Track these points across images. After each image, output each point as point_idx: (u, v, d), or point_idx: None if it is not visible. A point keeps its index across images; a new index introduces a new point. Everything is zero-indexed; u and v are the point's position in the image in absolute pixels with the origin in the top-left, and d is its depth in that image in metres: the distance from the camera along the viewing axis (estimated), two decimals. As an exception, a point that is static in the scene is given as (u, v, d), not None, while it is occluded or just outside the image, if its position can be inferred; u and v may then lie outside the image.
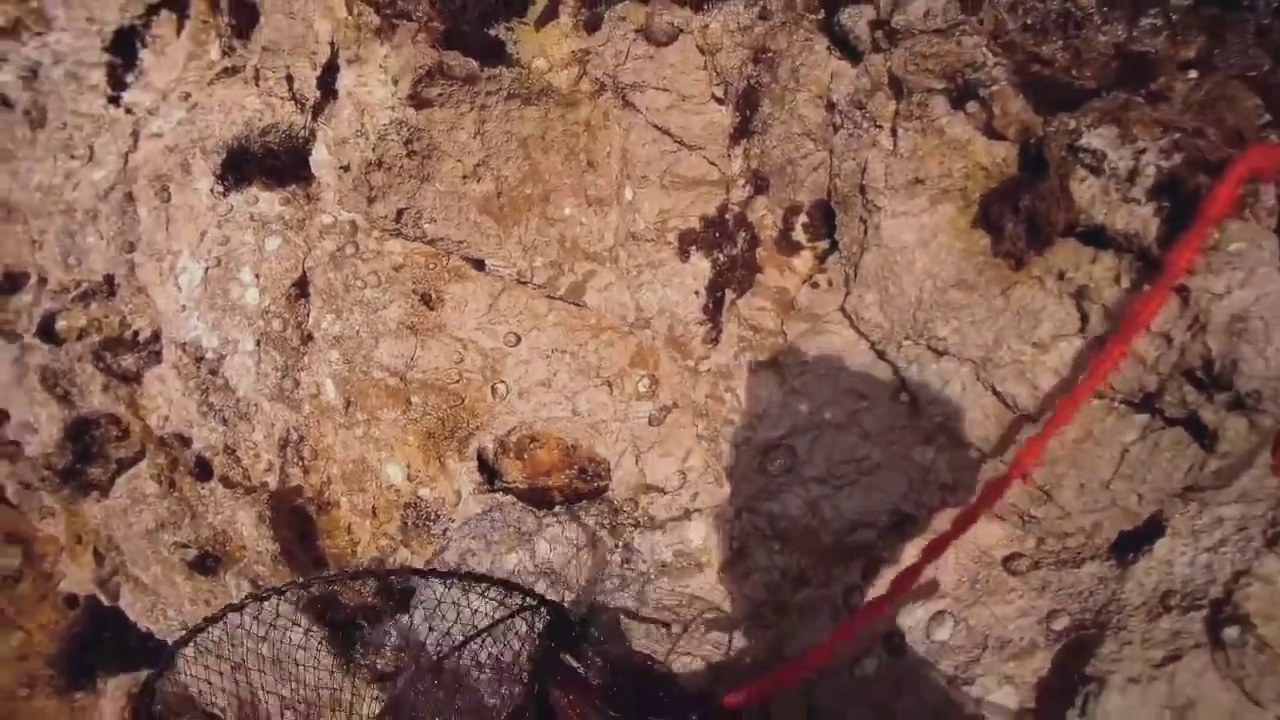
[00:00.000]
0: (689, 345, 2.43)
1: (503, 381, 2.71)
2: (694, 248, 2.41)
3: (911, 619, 2.36)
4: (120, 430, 3.12)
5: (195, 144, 3.10)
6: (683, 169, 2.42)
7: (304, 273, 2.85)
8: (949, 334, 2.13)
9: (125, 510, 2.84)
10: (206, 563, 2.81)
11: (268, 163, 2.96)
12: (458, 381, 2.73)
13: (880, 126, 2.15)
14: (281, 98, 3.04)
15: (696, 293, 2.42)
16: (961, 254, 2.08)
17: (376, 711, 2.63)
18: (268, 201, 2.95)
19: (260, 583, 2.61)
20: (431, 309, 2.79)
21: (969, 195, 2.09)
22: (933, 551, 2.00)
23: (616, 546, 2.41)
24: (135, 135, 3.29)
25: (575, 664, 2.20)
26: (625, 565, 2.39)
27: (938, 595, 2.35)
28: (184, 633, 2.01)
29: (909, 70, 2.04)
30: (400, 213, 2.47)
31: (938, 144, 2.08)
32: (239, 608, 2.07)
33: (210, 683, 2.39)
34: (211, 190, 3.03)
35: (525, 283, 2.54)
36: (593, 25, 2.39)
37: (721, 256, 2.40)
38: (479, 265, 2.76)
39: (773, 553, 2.34)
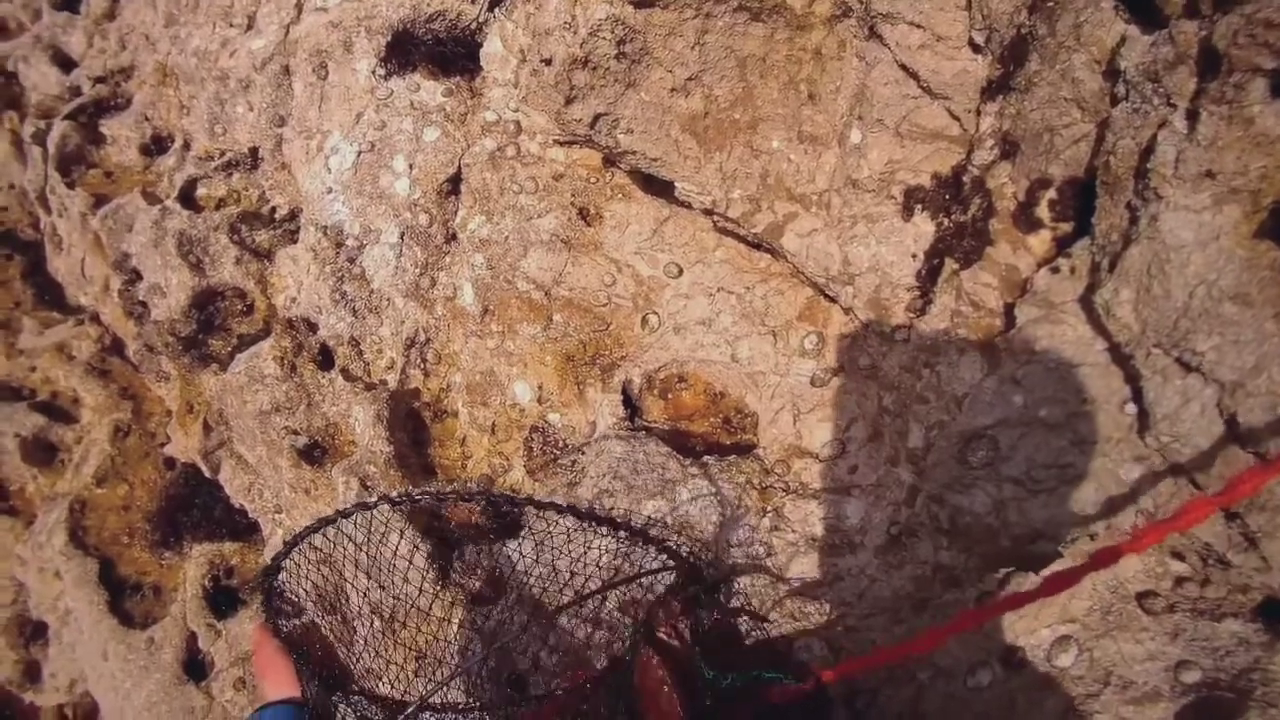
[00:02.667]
0: (890, 310, 1.99)
1: (655, 313, 2.30)
2: (919, 207, 1.96)
3: (1036, 638, 1.92)
4: (245, 305, 2.77)
5: (360, 22, 2.70)
6: (922, 118, 1.96)
7: (459, 169, 2.45)
8: (1208, 350, 1.67)
9: (242, 388, 2.49)
10: (314, 453, 2.45)
11: (434, 50, 2.54)
12: (605, 305, 2.32)
13: (1174, 105, 1.67)
14: (455, -14, 2.62)
15: (914, 255, 1.97)
16: (1244, 264, 1.61)
17: (466, 633, 2.28)
18: (430, 91, 2.55)
19: (369, 483, 2.25)
20: (589, 225, 2.38)
21: (1260, 200, 1.62)
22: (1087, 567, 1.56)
23: (766, 510, 2.00)
24: (299, 7, 2.89)
25: (680, 624, 1.85)
26: (773, 531, 1.98)
27: (1066, 619, 1.91)
28: (312, 522, 1.71)
29: (1237, 43, 1.55)
30: (597, 118, 2.05)
31: (1240, 135, 1.60)
32: (370, 506, 1.76)
33: (301, 571, 2.06)
34: (373, 72, 2.63)
35: (715, 214, 2.10)
36: (832, -63, 1.92)
37: (948, 221, 1.94)
38: (653, 185, 2.34)
39: (939, 547, 1.92)
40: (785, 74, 2.08)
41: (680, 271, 2.33)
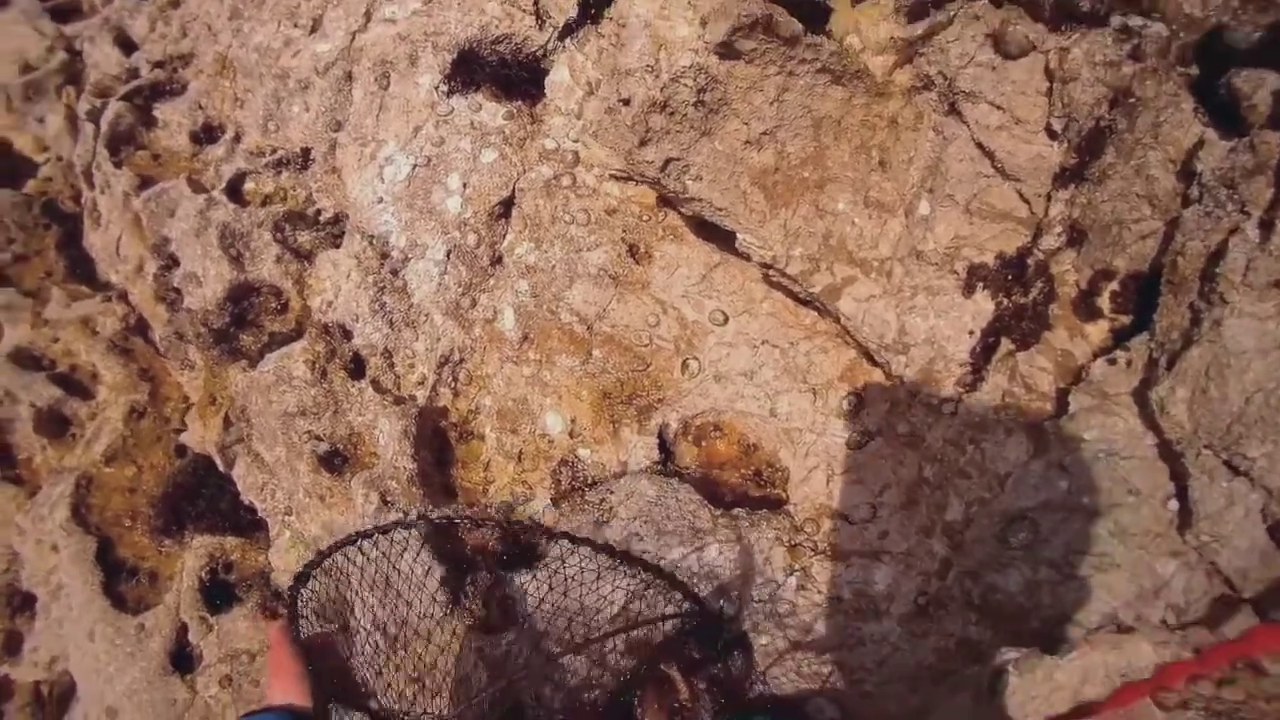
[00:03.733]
0: (940, 383, 1.89)
1: (696, 358, 2.20)
2: (981, 284, 1.87)
3: None
4: (280, 304, 2.66)
5: (428, 37, 2.62)
6: (993, 198, 1.88)
7: (513, 193, 2.35)
8: (1259, 456, 1.59)
9: (269, 387, 2.37)
10: (334, 460, 2.33)
11: (499, 72, 2.46)
12: (647, 346, 2.22)
13: (1248, 213, 1.60)
14: (524, 10, 2.54)
15: (970, 332, 1.88)
16: (1305, 374, 1.53)
17: (470, 659, 2.15)
18: (491, 112, 2.46)
19: (389, 498, 2.13)
20: (638, 263, 2.28)
21: (1328, 312, 1.54)
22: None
23: (794, 569, 1.89)
24: (368, 15, 2.81)
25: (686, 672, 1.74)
26: (800, 591, 1.87)
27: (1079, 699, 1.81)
28: (350, 534, 1.64)
29: (1324, 158, 1.48)
30: (668, 162, 1.96)
31: (1316, 248, 1.53)
32: (409, 524, 1.69)
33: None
34: (435, 88, 2.55)
35: (773, 269, 2.01)
36: (915, 13, 1.85)
37: (1008, 302, 1.86)
38: (706, 230, 2.25)
39: (968, 622, 1.81)
40: (858, 138, 2.00)
41: (726, 320, 2.24)
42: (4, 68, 4.26)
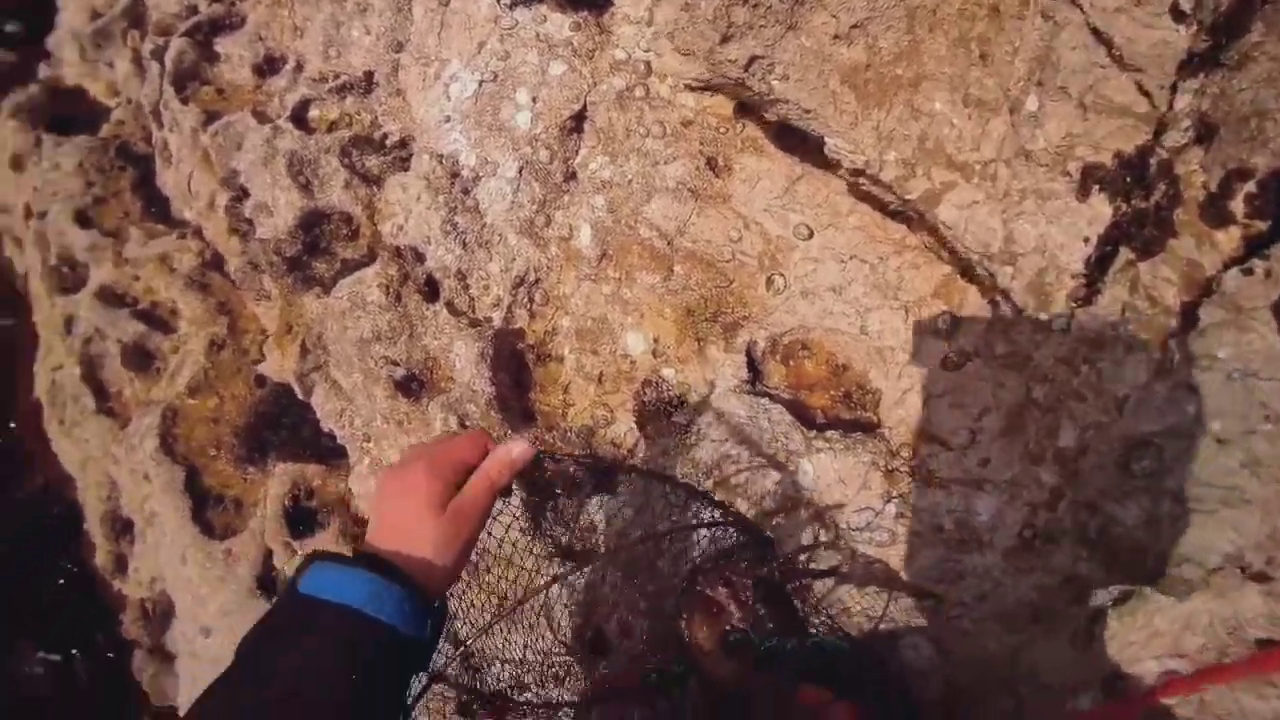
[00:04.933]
0: (1051, 297, 1.69)
1: (781, 274, 2.02)
2: (1097, 187, 1.64)
3: (1141, 668, 1.63)
4: (350, 230, 2.53)
5: (489, -51, 2.41)
6: (1110, 90, 1.63)
7: (584, 106, 2.17)
8: None
9: (343, 313, 2.26)
10: (411, 385, 2.22)
11: (564, -19, 2.25)
12: (729, 261, 2.04)
13: None
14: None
15: (1085, 240, 1.66)
16: None
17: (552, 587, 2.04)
18: (556, 24, 2.26)
19: (468, 422, 2.01)
20: (717, 176, 2.09)
21: None
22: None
23: (891, 495, 1.72)
24: (427, -69, 2.60)
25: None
26: (899, 519, 1.71)
27: (1177, 653, 1.62)
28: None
29: None
30: (752, 60, 1.75)
31: None
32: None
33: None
34: (497, 1, 2.34)
35: (865, 175, 1.81)
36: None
37: (1127, 206, 1.63)
38: (787, 141, 2.04)
39: (1079, 558, 1.63)
40: (956, 30, 1.76)
41: (811, 234, 2.04)
42: (76, 16, 4.16)
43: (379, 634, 0.72)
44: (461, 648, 1.33)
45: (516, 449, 0.90)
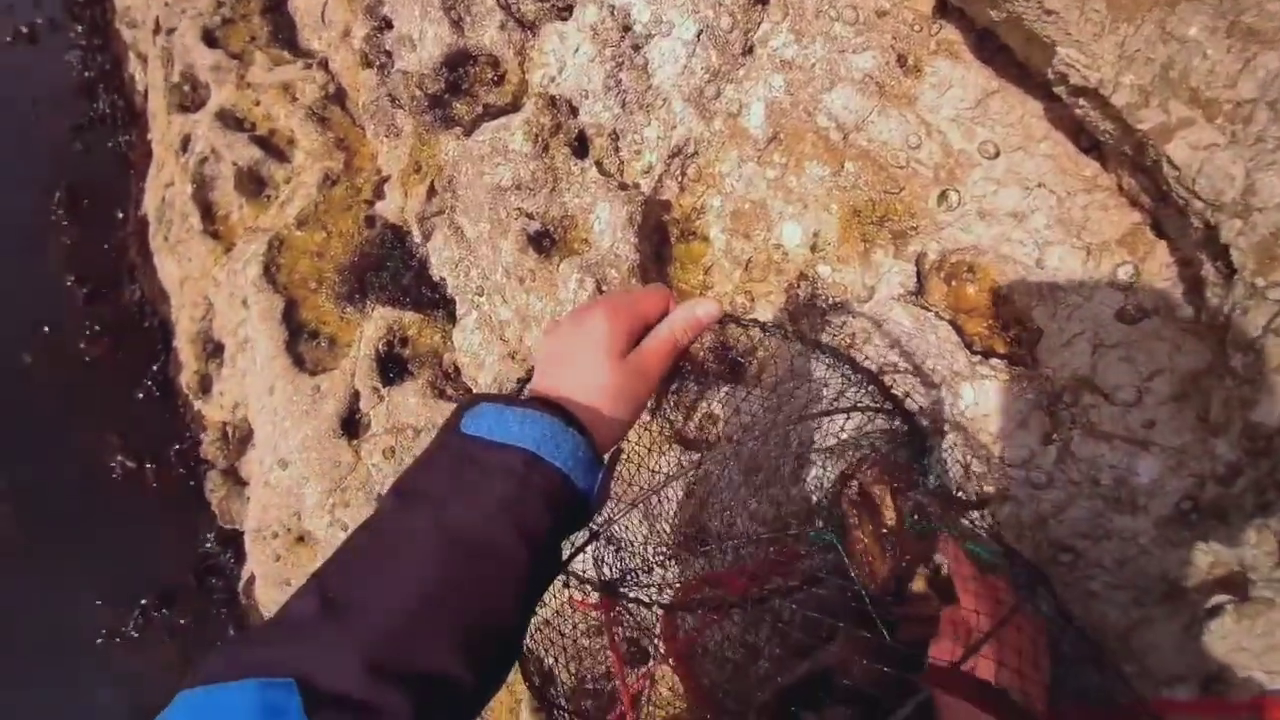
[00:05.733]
0: (1275, 257, 1.52)
1: (956, 190, 1.87)
2: None
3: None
4: (497, 75, 2.42)
5: None
6: None
7: (778, -26, 2.00)
8: None
9: (483, 157, 2.16)
10: (543, 241, 2.13)
11: None
12: (903, 168, 1.90)
13: None
14: None
15: None
16: None
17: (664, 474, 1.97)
18: (759, -119, 2.08)
19: (605, 286, 1.92)
20: (906, 76, 1.93)
21: None
22: None
23: (1053, 437, 1.61)
24: None
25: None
26: (1058, 464, 1.60)
27: None
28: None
29: None
30: None
31: None
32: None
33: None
34: None
35: (1091, 93, 1.64)
36: None
37: None
38: (986, 50, 1.87)
39: (1244, 543, 1.50)
40: (1236, -63, 1.56)
41: (997, 153, 1.88)
42: None
43: (554, 481, 0.66)
44: (596, 530, 1.24)
45: (703, 308, 0.83)
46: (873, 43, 1.98)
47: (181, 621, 3.48)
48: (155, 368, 3.59)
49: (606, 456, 0.74)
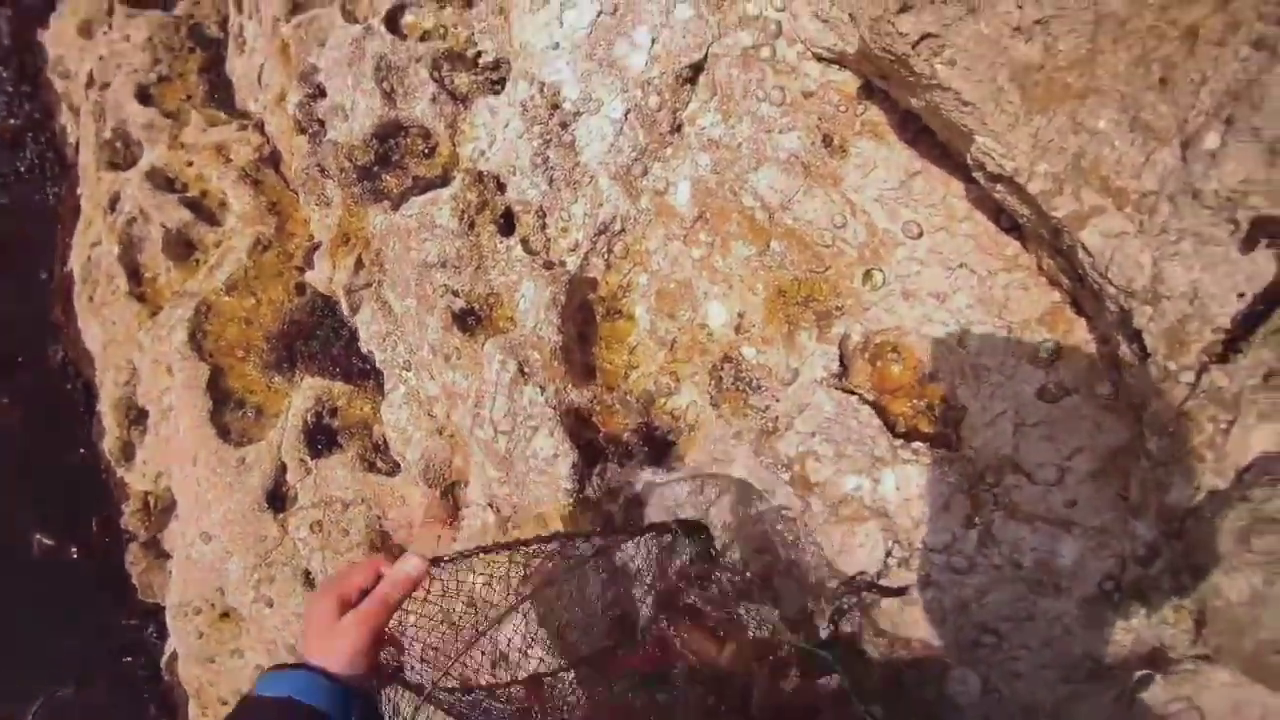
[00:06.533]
0: (1185, 346, 1.54)
1: (880, 270, 1.88)
2: (1265, 243, 1.48)
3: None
4: (427, 148, 2.39)
5: (624, -123, 2.25)
6: None
7: (705, 57, 2.01)
8: None
9: (410, 232, 2.12)
10: (468, 319, 2.09)
11: (704, -79, 2.09)
12: (829, 246, 1.90)
13: None
14: None
15: (1240, 295, 1.50)
16: None
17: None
18: (687, -34, 2.11)
19: (528, 369, 1.88)
20: (831, 156, 1.94)
21: None
22: None
23: (975, 521, 1.59)
24: None
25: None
26: (979, 548, 1.58)
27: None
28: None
29: None
30: (923, 38, 1.60)
31: None
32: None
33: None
34: (626, -68, 2.19)
35: (1005, 181, 1.66)
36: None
37: None
38: (908, 131, 1.90)
39: (1163, 622, 1.51)
40: (1140, 47, 1.60)
41: (920, 233, 1.90)
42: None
43: (312, 715, 0.92)
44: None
45: (406, 567, 1.06)
46: (799, 123, 1.99)
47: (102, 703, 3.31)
48: (80, 434, 3.46)
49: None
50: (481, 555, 1.20)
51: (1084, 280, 1.77)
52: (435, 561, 1.09)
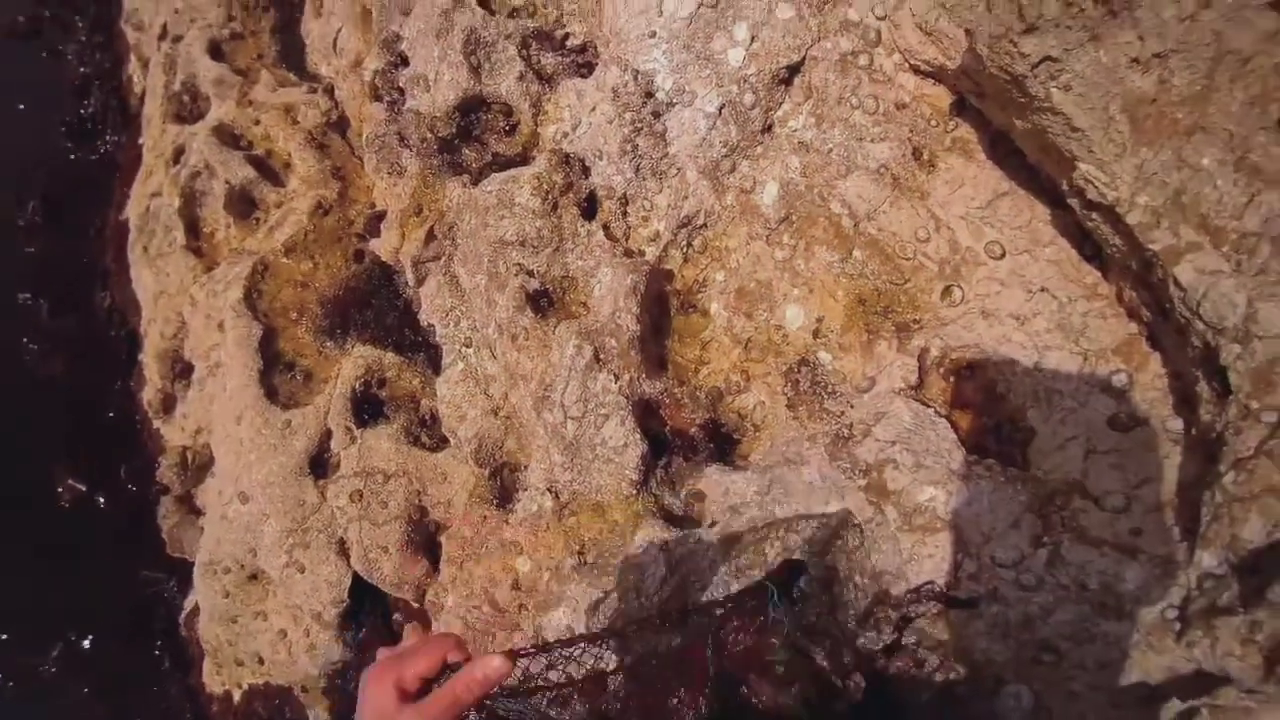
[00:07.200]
0: (1273, 386, 1.53)
1: (960, 287, 1.87)
2: None
3: None
4: (509, 125, 2.39)
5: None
6: None
7: (803, 59, 2.01)
8: None
9: (489, 209, 2.12)
10: (540, 301, 2.09)
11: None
12: (910, 260, 1.89)
13: None
14: None
15: None
16: None
17: (648, 548, 1.91)
18: (793, -34, 2.10)
19: (603, 356, 1.87)
20: (921, 169, 1.94)
21: None
22: None
23: (1043, 541, 1.59)
24: None
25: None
26: (1048, 568, 1.57)
27: None
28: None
29: None
30: (1043, 61, 1.59)
31: None
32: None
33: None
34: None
35: (1104, 209, 1.65)
36: None
37: None
38: (999, 151, 1.89)
39: (1228, 653, 1.50)
40: (1259, 86, 1.59)
41: (1003, 254, 1.89)
42: None
43: None
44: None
45: (486, 668, 0.91)
46: (890, 134, 1.98)
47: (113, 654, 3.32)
48: (119, 382, 3.47)
49: None
50: (563, 651, 1.13)
51: (1169, 314, 1.77)
52: (514, 655, 0.97)
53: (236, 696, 2.99)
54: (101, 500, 3.35)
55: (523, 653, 1.03)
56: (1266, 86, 1.59)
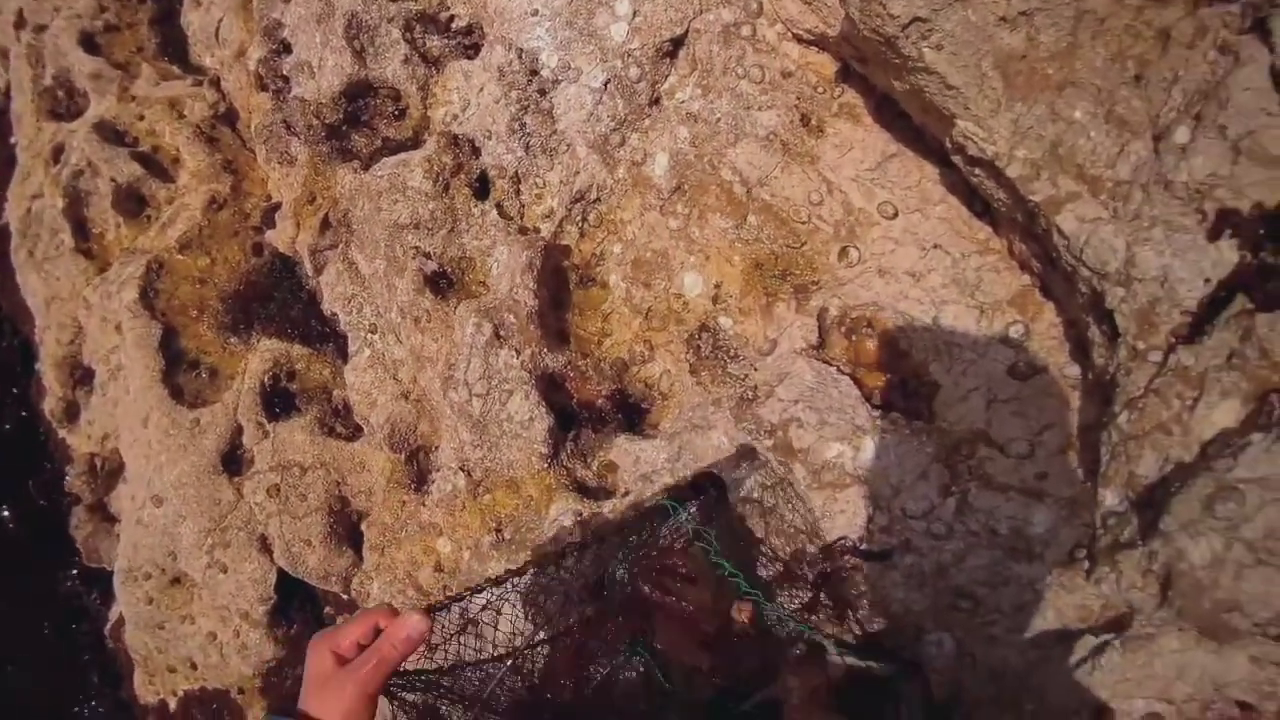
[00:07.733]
0: (1154, 327, 1.63)
1: (856, 248, 1.93)
2: (1230, 232, 1.58)
3: (1129, 705, 1.64)
4: (397, 109, 2.35)
5: None
6: (1269, 141, 1.56)
7: (686, 31, 2.03)
8: None
9: (380, 193, 2.09)
10: (439, 282, 2.08)
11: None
12: (805, 223, 1.94)
13: None
14: None
15: (1206, 280, 1.60)
16: None
17: (563, 520, 1.93)
18: (670, -63, 2.11)
19: (503, 333, 1.88)
20: (809, 135, 1.98)
21: None
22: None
23: (952, 490, 1.67)
24: None
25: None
26: (957, 516, 1.66)
27: (1165, 698, 1.63)
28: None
29: None
30: (913, 21, 1.64)
31: None
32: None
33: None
34: (610, -101, 2.18)
35: (984, 164, 1.72)
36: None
37: (1254, 259, 1.57)
38: (885, 115, 1.95)
39: (1131, 586, 1.60)
40: (1117, 45, 1.67)
41: (895, 214, 1.96)
42: None
43: None
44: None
45: (407, 628, 1.01)
46: (777, 101, 2.02)
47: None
48: (15, 391, 3.32)
49: None
50: (473, 595, 1.18)
51: (1056, 264, 1.86)
52: (430, 610, 1.04)
53: (173, 704, 2.93)
54: (7, 515, 3.22)
55: (438, 605, 1.11)
56: (1122, 44, 1.67)
